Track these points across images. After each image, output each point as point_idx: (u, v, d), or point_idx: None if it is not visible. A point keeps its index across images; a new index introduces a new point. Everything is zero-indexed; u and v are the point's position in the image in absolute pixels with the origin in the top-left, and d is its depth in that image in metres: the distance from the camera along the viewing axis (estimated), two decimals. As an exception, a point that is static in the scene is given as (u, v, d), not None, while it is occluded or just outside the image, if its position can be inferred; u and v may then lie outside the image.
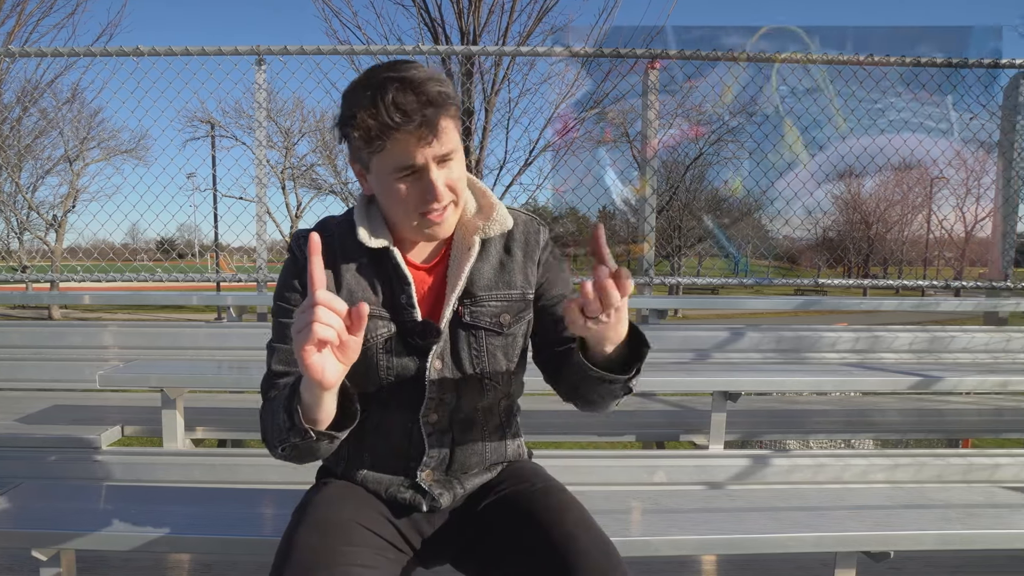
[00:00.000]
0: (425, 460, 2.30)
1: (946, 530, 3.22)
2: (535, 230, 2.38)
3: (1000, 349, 5.63)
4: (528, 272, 2.34)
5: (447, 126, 1.99)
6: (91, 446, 4.18)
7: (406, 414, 2.28)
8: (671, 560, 4.20)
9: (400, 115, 1.89)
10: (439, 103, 1.94)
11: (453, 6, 15.57)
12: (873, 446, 6.68)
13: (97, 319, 10.06)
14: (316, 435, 1.87)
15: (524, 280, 2.33)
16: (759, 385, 4.68)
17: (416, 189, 2.02)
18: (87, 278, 6.43)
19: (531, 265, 2.35)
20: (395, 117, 1.89)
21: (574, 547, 1.98)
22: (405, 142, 1.94)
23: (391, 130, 1.91)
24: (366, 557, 2.05)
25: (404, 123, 1.90)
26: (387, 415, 2.28)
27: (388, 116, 1.89)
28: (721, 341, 5.55)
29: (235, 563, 4.01)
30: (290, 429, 1.90)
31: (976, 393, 6.01)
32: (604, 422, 5.08)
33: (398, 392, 2.25)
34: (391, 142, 1.94)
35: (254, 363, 4.84)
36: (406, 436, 2.30)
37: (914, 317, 26.12)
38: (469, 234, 2.26)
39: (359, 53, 6.53)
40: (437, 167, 2.01)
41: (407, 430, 2.29)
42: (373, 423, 2.27)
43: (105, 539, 2.90)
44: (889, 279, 6.26)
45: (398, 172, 1.99)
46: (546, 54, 6.19)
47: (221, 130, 30.72)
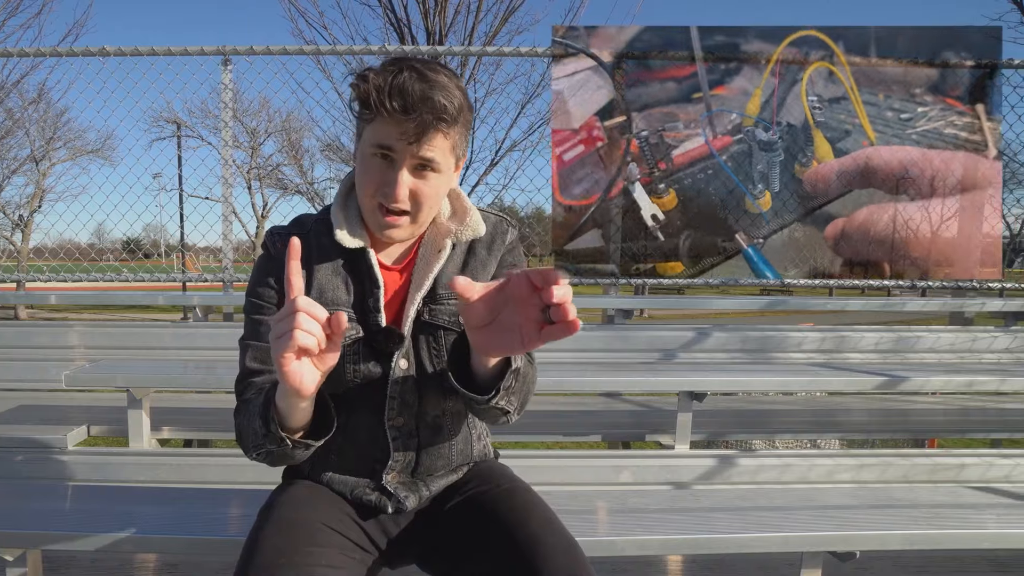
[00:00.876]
0: (391, 464, 2.29)
1: (912, 530, 3.23)
2: (503, 230, 2.38)
3: (965, 349, 5.65)
4: (490, 271, 2.33)
5: (436, 140, 2.01)
6: (57, 446, 4.15)
7: (372, 417, 2.26)
8: (637, 560, 4.21)
9: (398, 101, 1.91)
10: (436, 113, 1.95)
11: (419, 6, 15.59)
12: (839, 446, 6.71)
13: (63, 319, 10.02)
14: (292, 443, 1.87)
15: (485, 278, 2.31)
16: (725, 385, 4.68)
17: (383, 173, 2.04)
18: (53, 278, 6.39)
19: (493, 264, 2.34)
20: (393, 101, 1.91)
21: (539, 548, 1.97)
22: (391, 125, 1.96)
23: (383, 109, 1.92)
24: (331, 557, 2.03)
25: (396, 111, 1.92)
26: (353, 417, 2.26)
27: (388, 95, 1.91)
28: (687, 341, 5.55)
29: (201, 563, 4.00)
30: (265, 436, 1.91)
31: (942, 393, 6.03)
32: (570, 422, 5.08)
33: (364, 394, 2.24)
34: (381, 118, 1.96)
35: (220, 363, 4.82)
36: (372, 439, 2.28)
37: (880, 317, 26.23)
38: (441, 236, 2.26)
39: (325, 53, 6.49)
40: (409, 170, 2.02)
41: (373, 433, 2.28)
42: (339, 424, 2.25)
43: (72, 539, 2.89)
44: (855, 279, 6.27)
45: (376, 147, 2.01)
46: (512, 54, 6.17)
47: (187, 130, 30.59)
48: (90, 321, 5.77)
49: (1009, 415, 5.42)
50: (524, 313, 1.64)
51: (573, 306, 1.57)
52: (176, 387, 5.20)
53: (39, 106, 24.44)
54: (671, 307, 6.23)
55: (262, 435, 1.92)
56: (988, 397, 5.80)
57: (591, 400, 5.75)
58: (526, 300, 1.62)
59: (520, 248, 2.46)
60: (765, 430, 5.25)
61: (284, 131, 31.68)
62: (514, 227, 2.43)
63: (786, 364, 5.53)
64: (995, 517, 3.44)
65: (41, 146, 29.86)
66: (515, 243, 2.42)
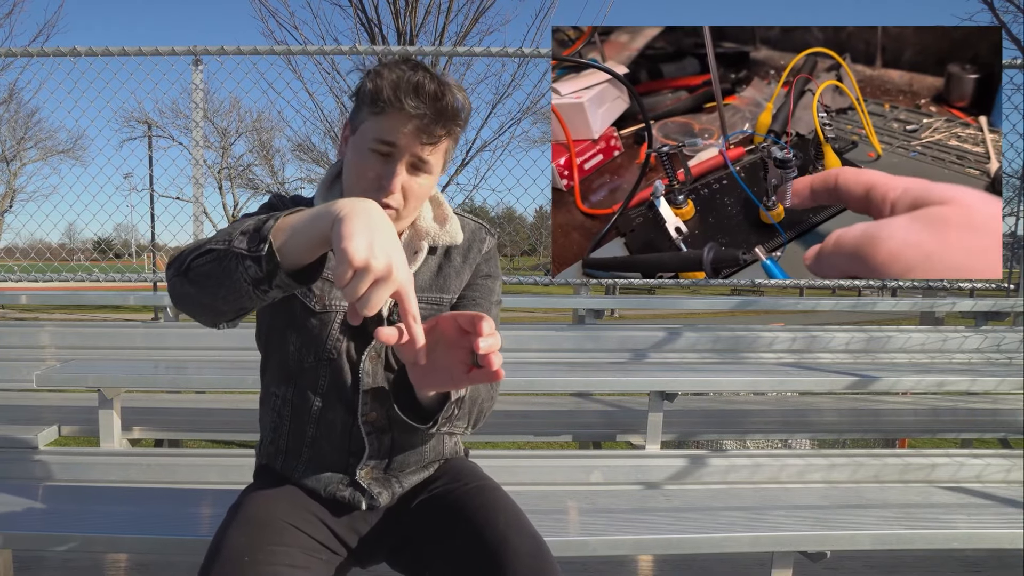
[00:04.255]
0: (365, 460, 2.30)
1: (883, 530, 3.24)
2: (481, 238, 2.44)
3: (936, 349, 5.67)
4: (464, 278, 2.38)
5: (440, 144, 2.06)
6: (28, 446, 4.13)
7: (347, 412, 2.28)
8: (608, 560, 4.21)
9: (414, 99, 1.94)
10: (449, 114, 2.00)
11: (390, 6, 15.53)
12: (810, 446, 6.73)
13: (34, 319, 9.97)
14: (268, 255, 1.63)
15: (459, 285, 2.38)
16: (696, 385, 4.69)
17: (379, 169, 2.04)
18: (24, 278, 6.35)
19: (467, 272, 2.39)
20: (409, 98, 1.94)
21: (506, 548, 1.98)
22: (400, 122, 1.98)
23: (398, 103, 1.95)
24: (294, 557, 2.04)
25: (412, 107, 1.95)
26: (328, 412, 2.28)
27: (404, 91, 1.94)
28: (658, 341, 5.55)
29: (172, 563, 3.99)
30: (247, 234, 1.68)
31: (913, 393, 6.05)
32: (540, 422, 5.06)
33: (338, 388, 2.27)
34: (390, 113, 1.98)
35: (191, 363, 4.83)
36: (346, 433, 2.30)
37: (851, 317, 26.33)
38: (418, 239, 2.30)
39: (296, 53, 6.47)
40: (407, 168, 2.05)
41: (347, 427, 2.29)
42: (314, 418, 2.28)
43: (42, 539, 2.89)
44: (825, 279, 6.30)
45: (377, 143, 2.02)
46: (483, 54, 6.21)
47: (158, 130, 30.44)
48: (61, 321, 5.76)
49: (979, 415, 5.45)
50: (454, 354, 1.70)
51: (499, 356, 1.62)
52: (147, 387, 5.19)
53: (10, 106, 24.45)
54: (642, 307, 6.20)
55: (240, 233, 1.69)
56: (959, 397, 5.82)
57: (562, 400, 5.74)
58: (455, 342, 1.69)
59: (496, 258, 2.52)
60: (736, 430, 5.26)
61: (255, 131, 31.79)
62: (493, 236, 2.49)
63: (757, 364, 5.53)
64: (966, 517, 3.46)
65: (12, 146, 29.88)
66: (492, 252, 2.47)
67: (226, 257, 1.69)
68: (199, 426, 4.99)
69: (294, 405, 2.32)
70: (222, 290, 1.74)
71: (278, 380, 2.35)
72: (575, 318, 6.20)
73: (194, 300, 1.84)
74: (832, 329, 5.66)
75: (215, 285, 1.75)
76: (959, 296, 6.73)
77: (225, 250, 1.69)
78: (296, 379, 2.30)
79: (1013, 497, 3.73)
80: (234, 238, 1.69)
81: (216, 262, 1.72)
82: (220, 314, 1.87)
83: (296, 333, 2.26)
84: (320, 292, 2.24)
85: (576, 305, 6.13)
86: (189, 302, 1.87)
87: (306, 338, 2.25)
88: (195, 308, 1.88)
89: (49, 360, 5.35)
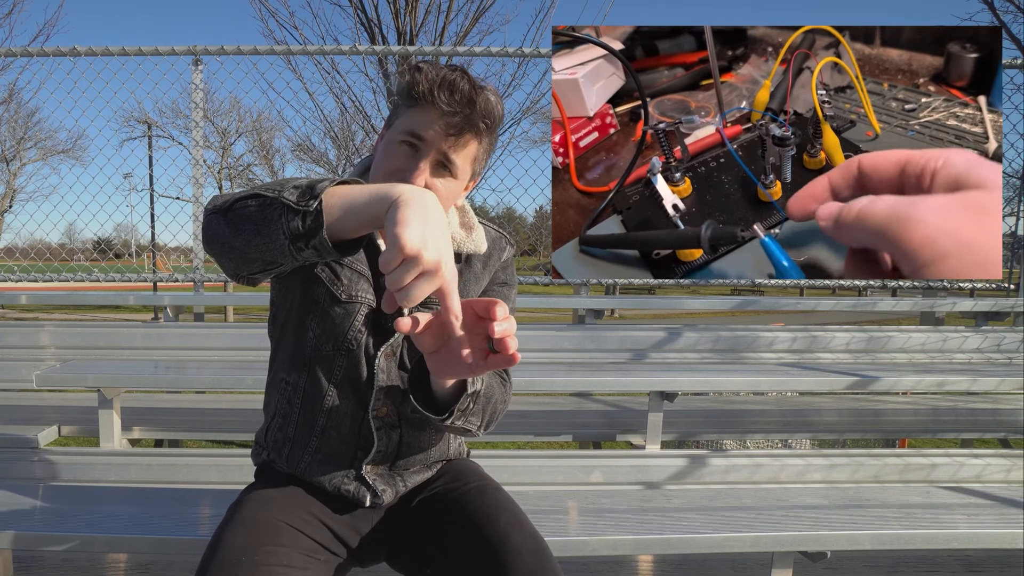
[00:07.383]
0: (373, 453, 2.30)
1: (883, 530, 3.24)
2: (501, 247, 2.47)
3: (936, 349, 5.67)
4: (482, 284, 2.40)
5: (468, 146, 2.07)
6: (28, 446, 4.12)
7: (358, 406, 2.29)
8: (608, 560, 4.21)
9: (448, 96, 1.96)
10: (479, 114, 2.01)
11: (390, 6, 15.47)
12: (810, 446, 6.74)
13: (34, 319, 9.97)
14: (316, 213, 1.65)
15: (476, 291, 2.38)
16: (696, 385, 4.69)
17: (405, 161, 2.04)
18: (24, 278, 6.34)
19: (486, 278, 2.41)
20: (443, 93, 1.95)
21: (506, 547, 1.98)
22: (431, 116, 1.99)
23: (431, 98, 1.96)
24: (293, 558, 2.04)
25: (444, 103, 1.96)
26: (339, 402, 2.29)
27: (440, 87, 1.95)
28: (658, 341, 5.54)
29: (172, 563, 4.00)
30: (305, 189, 1.71)
31: (913, 393, 6.06)
32: (541, 422, 5.07)
33: (352, 382, 2.28)
34: (423, 107, 1.99)
35: (191, 363, 4.84)
36: (356, 426, 2.30)
37: (851, 317, 26.33)
38: None
39: (296, 53, 6.45)
40: (432, 166, 2.05)
41: (357, 421, 2.29)
42: (325, 409, 2.28)
43: (42, 539, 2.90)
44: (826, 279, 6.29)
45: (406, 134, 2.03)
46: (483, 54, 6.20)
47: (158, 130, 30.39)
48: (61, 321, 5.75)
49: (980, 415, 5.45)
50: (470, 341, 1.69)
51: (514, 339, 1.64)
52: (147, 387, 5.19)
53: (10, 106, 24.37)
54: (642, 307, 6.18)
55: (293, 187, 1.73)
56: (959, 397, 5.82)
57: (562, 400, 5.74)
58: (471, 329, 1.68)
59: (513, 266, 2.54)
60: (736, 430, 5.26)
61: (255, 131, 31.71)
62: (512, 245, 2.53)
63: (757, 364, 5.53)
64: (966, 517, 3.45)
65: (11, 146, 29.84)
66: (509, 261, 2.50)
67: (272, 205, 1.72)
68: (199, 426, 4.99)
69: (305, 393, 2.31)
70: (258, 237, 1.77)
71: (290, 367, 2.35)
72: (575, 318, 6.20)
73: (226, 242, 1.85)
74: (832, 329, 5.66)
75: (252, 231, 1.78)
76: (959, 296, 6.73)
77: (274, 198, 1.73)
78: (311, 367, 2.30)
79: (1013, 497, 3.73)
80: (285, 189, 1.73)
81: (260, 208, 1.75)
82: (246, 263, 1.88)
83: (318, 320, 2.26)
84: (348, 281, 2.24)
85: (576, 305, 6.12)
86: (220, 243, 1.87)
87: (327, 326, 2.26)
88: (223, 251, 1.89)
89: (49, 360, 5.35)
